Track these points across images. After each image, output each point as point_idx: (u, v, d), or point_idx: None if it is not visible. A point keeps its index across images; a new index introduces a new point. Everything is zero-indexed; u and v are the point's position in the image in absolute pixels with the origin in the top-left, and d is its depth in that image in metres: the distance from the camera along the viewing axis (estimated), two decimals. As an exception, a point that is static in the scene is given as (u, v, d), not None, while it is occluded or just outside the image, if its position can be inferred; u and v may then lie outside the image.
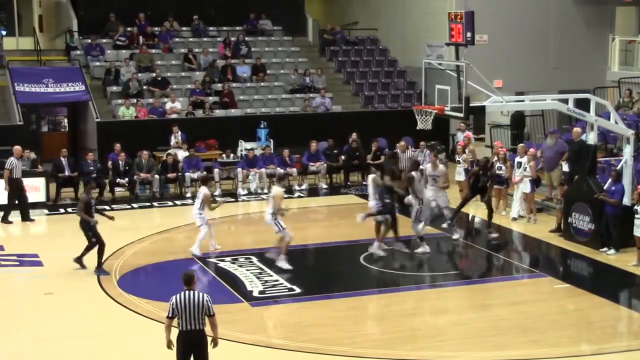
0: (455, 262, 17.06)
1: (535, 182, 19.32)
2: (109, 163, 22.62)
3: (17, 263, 16.30)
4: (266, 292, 14.38)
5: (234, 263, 16.03)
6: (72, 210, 20.13)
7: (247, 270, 15.54)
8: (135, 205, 21.40)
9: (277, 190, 15.84)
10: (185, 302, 9.68)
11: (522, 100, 19.10)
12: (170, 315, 9.77)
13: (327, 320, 13.17)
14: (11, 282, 15.44)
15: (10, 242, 17.80)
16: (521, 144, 20.37)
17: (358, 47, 30.37)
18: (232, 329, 12.40)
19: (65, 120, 28.44)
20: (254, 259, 16.21)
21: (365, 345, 12.04)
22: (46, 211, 20.59)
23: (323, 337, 12.40)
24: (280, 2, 30.84)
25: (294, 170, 23.45)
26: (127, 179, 22.05)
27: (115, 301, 13.99)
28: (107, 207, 21.12)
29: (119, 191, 22.16)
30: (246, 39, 29.15)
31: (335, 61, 29.77)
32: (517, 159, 19.31)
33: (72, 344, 12.25)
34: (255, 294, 14.31)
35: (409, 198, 17.00)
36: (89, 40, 27.55)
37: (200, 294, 9.77)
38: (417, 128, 17.21)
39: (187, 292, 9.76)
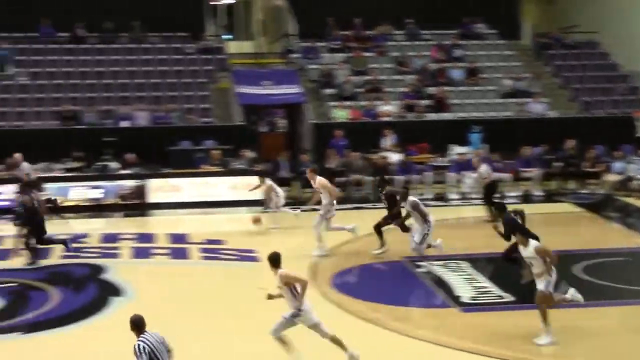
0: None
1: None
2: (328, 152, 23.27)
3: (237, 257, 17.02)
4: (477, 298, 14.22)
5: (444, 268, 15.97)
6: (290, 209, 20.82)
7: (458, 275, 15.44)
8: (348, 206, 21.77)
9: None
10: (156, 344, 8.81)
11: None
12: None
13: (538, 331, 12.82)
14: (229, 276, 16.14)
15: (232, 237, 18.62)
16: None
17: (576, 51, 29.42)
18: (441, 334, 12.37)
19: (282, 121, 29.42)
20: (465, 265, 16.06)
21: None
22: (263, 209, 21.36)
23: (533, 348, 12.10)
24: (496, 5, 30.41)
25: (507, 175, 23.06)
26: (341, 179, 22.48)
27: (327, 299, 14.27)
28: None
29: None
30: (460, 42, 28.98)
31: (551, 65, 29.00)
32: None
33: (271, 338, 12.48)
34: (465, 299, 14.18)
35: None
36: (306, 44, 28.37)
37: (155, 334, 9.00)
38: (637, 135, 16.47)
39: (147, 335, 8.90)
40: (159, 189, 22.56)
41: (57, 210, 20.95)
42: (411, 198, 15.95)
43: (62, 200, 22.16)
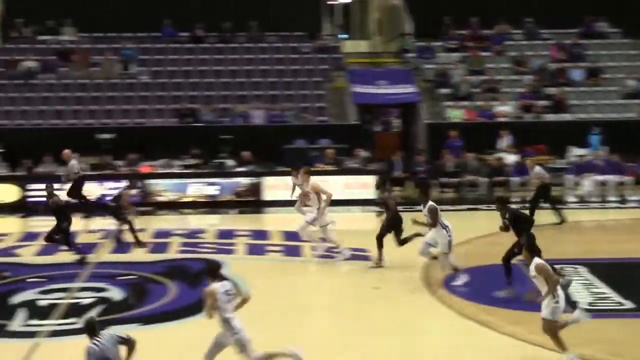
0: None
1: None
2: (443, 152, 23.20)
3: (350, 257, 17.03)
4: (594, 304, 13.84)
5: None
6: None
7: (575, 280, 15.03)
8: (462, 207, 21.52)
9: None
10: (107, 345, 8.66)
11: None
12: None
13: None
14: (342, 274, 16.21)
15: (345, 236, 18.61)
16: None
17: None
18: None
19: (397, 120, 29.37)
20: (582, 269, 15.66)
21: None
22: (376, 208, 21.34)
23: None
24: (620, 3, 29.48)
25: (628, 179, 22.40)
26: (455, 180, 22.32)
27: (440, 302, 14.15)
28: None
29: (447, 192, 22.48)
30: (581, 41, 28.26)
31: (677, 65, 27.98)
32: None
33: (387, 338, 12.41)
34: (582, 305, 13.80)
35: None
36: (422, 43, 28.22)
37: (108, 334, 8.86)
38: None
39: (98, 338, 8.69)
40: (273, 186, 22.88)
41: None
42: (431, 203, 15.05)
43: (180, 196, 22.83)
